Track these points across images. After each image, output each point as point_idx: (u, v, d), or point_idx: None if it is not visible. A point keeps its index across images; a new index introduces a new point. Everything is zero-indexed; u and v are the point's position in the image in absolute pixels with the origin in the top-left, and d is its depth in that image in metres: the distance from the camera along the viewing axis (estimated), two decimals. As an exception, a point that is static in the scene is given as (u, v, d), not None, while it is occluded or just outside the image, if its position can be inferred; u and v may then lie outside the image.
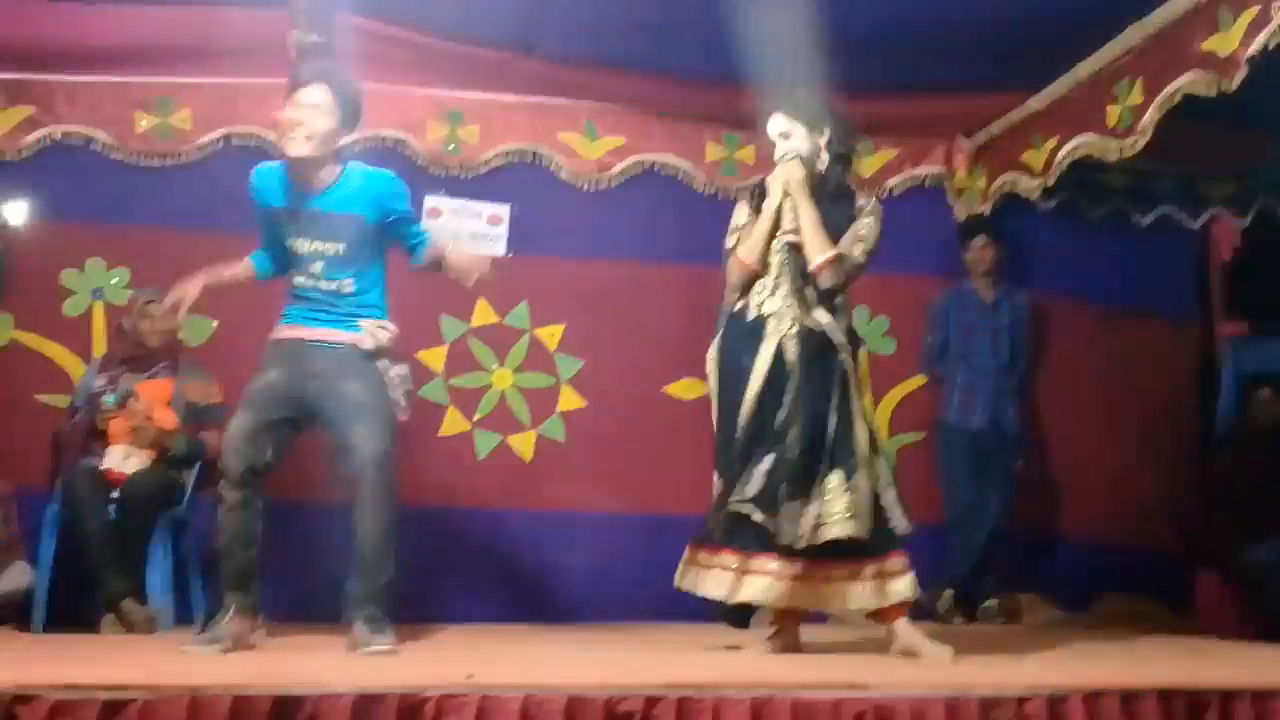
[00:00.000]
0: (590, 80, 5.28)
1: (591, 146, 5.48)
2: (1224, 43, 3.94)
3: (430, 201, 5.29)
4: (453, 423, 5.26)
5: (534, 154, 5.43)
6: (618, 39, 4.95)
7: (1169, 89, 4.22)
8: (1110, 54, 4.60)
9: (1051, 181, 5.13)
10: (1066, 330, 5.75)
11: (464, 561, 5.12)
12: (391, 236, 3.95)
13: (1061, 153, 4.94)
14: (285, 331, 3.87)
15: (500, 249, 5.33)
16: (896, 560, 3.63)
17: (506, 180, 5.40)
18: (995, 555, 5.27)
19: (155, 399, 4.69)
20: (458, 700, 2.55)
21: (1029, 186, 5.29)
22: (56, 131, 5.11)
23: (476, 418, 5.28)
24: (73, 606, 4.49)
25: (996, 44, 4.76)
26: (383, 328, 3.84)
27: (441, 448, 5.22)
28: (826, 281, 3.65)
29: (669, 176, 5.53)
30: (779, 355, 3.62)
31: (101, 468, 4.53)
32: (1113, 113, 4.59)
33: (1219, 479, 5.52)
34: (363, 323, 3.82)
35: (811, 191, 3.75)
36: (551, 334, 5.38)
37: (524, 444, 5.31)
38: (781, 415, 3.59)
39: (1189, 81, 4.10)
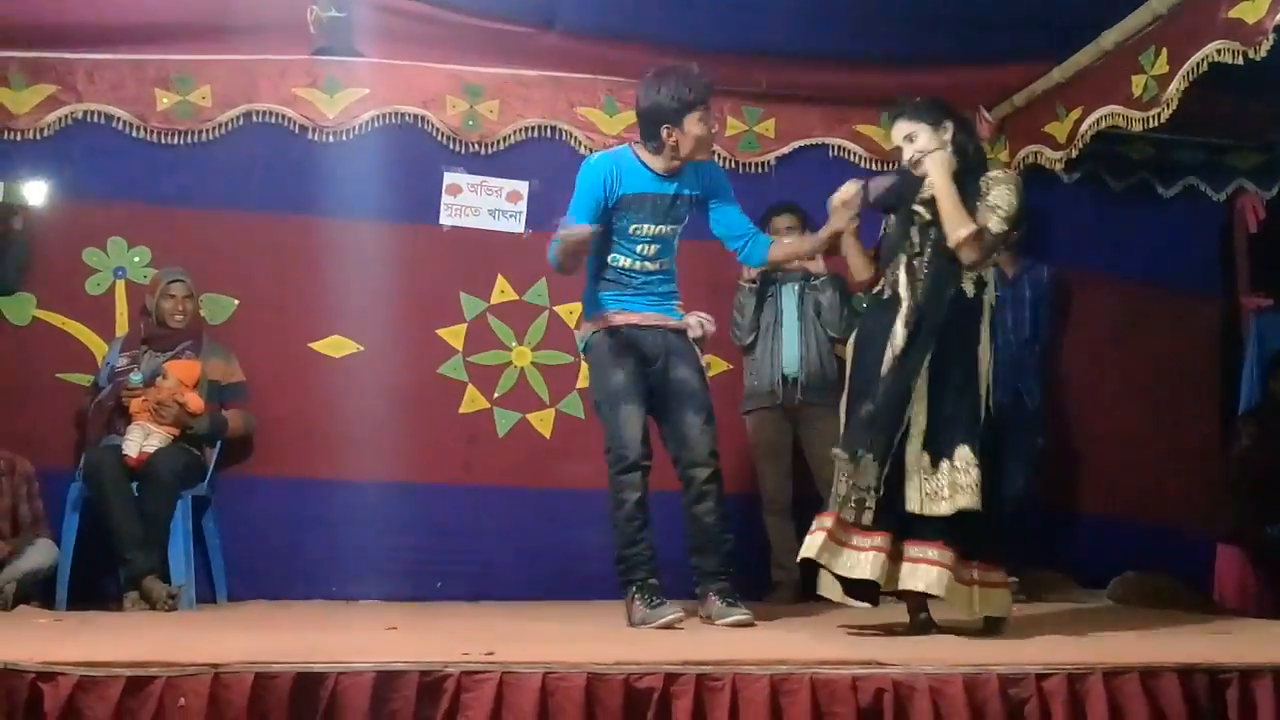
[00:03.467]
0: (609, 54, 5.25)
1: (611, 121, 5.45)
2: (1251, 10, 3.88)
3: (449, 178, 5.32)
4: (472, 400, 5.26)
5: (553, 129, 5.40)
6: (636, 12, 4.92)
7: (1194, 58, 4.17)
8: (1135, 23, 4.54)
9: (1075, 153, 5.09)
10: (1089, 304, 5.70)
11: (484, 538, 5.13)
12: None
13: (1085, 124, 4.89)
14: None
15: (519, 226, 5.34)
16: None
17: (526, 155, 5.38)
18: (1015, 532, 5.24)
19: (183, 380, 4.71)
20: (478, 677, 2.56)
21: (1052, 158, 5.25)
22: (78, 110, 5.12)
23: (496, 395, 5.29)
24: (96, 584, 4.54)
25: (1019, 14, 4.71)
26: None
27: (462, 425, 5.23)
28: (969, 257, 3.63)
29: (689, 150, 5.49)
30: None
31: (124, 448, 4.56)
32: (1137, 83, 4.54)
33: (1241, 454, 5.48)
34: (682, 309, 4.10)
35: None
36: (571, 311, 5.36)
37: (543, 421, 5.31)
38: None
39: (1214, 50, 4.05)
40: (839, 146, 5.58)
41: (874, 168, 5.56)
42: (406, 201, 5.28)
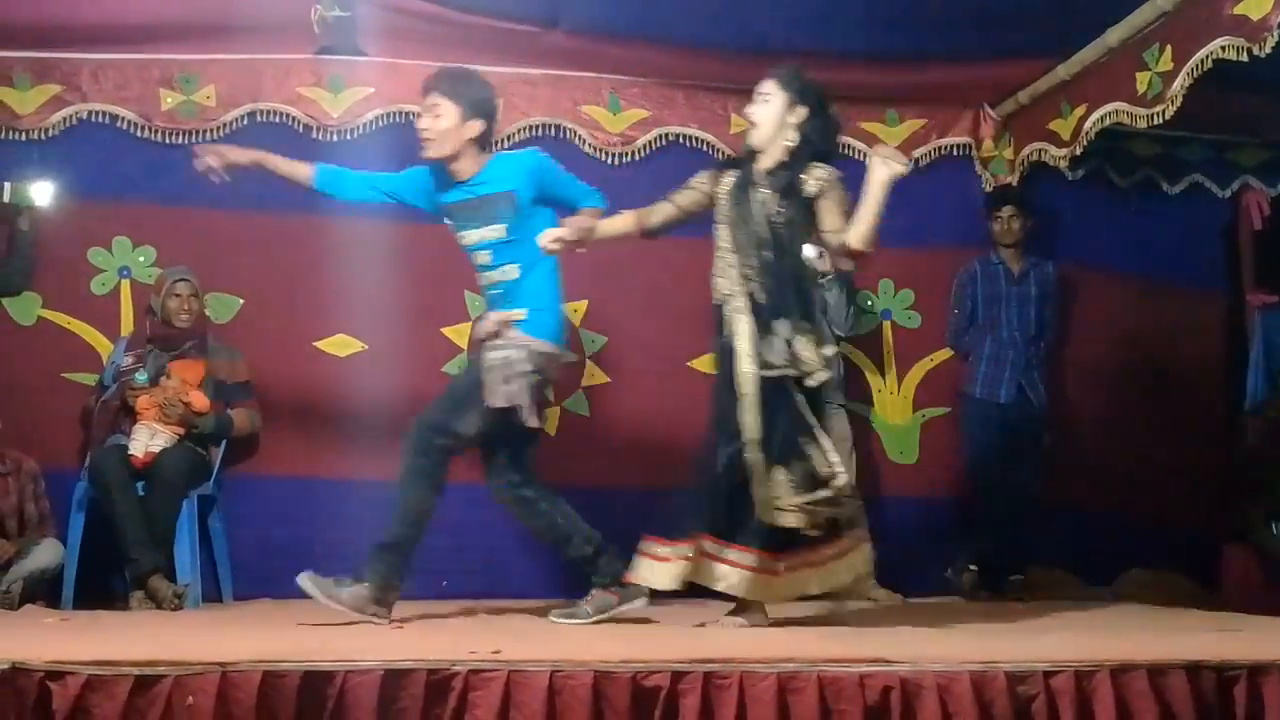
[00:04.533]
0: (612, 52, 5.26)
1: (614, 119, 5.45)
2: (1256, 6, 3.88)
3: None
4: (477, 398, 5.25)
5: (556, 127, 5.40)
6: (640, 10, 4.92)
7: (1199, 55, 4.17)
8: (1140, 20, 4.54)
9: (1080, 150, 5.09)
10: (1095, 301, 5.69)
11: (489, 536, 5.13)
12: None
13: (1090, 121, 4.89)
14: None
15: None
16: None
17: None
18: (1020, 530, 5.25)
19: (188, 380, 4.72)
20: (485, 675, 2.56)
21: (1057, 155, 5.26)
22: (83, 109, 5.12)
23: (501, 394, 5.27)
24: (102, 583, 4.54)
25: (1023, 11, 4.71)
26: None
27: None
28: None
29: (693, 148, 5.49)
30: None
31: (130, 447, 4.57)
32: (1142, 79, 4.54)
33: (1246, 451, 5.47)
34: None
35: None
36: (575, 309, 5.37)
37: (548, 420, 5.30)
38: None
39: (1219, 46, 4.05)
40: (844, 144, 5.55)
41: (879, 165, 5.57)
42: (410, 200, 5.27)
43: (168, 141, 5.17)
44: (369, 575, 3.65)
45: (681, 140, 5.49)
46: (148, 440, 4.58)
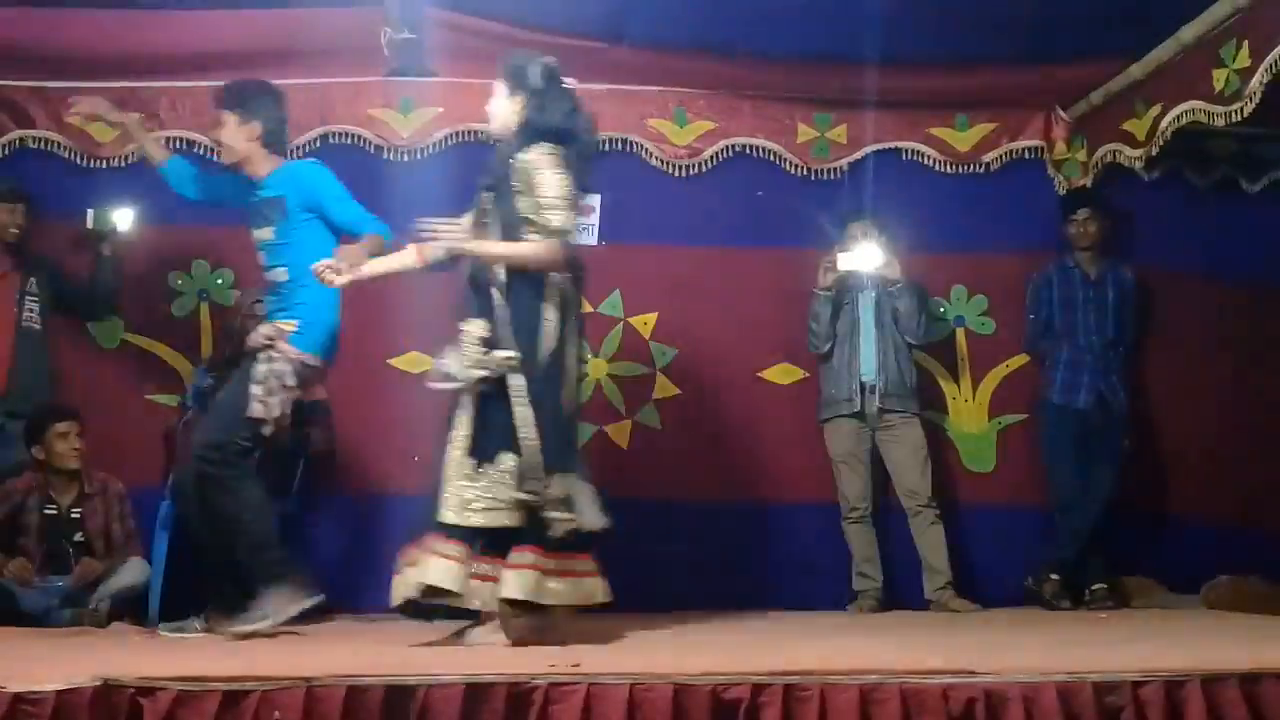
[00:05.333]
0: (678, 65, 5.27)
1: (681, 132, 5.46)
2: (1336, 0, 3.79)
3: (522, 194, 5.35)
4: (550, 412, 5.28)
5: (624, 141, 5.42)
6: (705, 23, 4.92)
7: (1277, 50, 4.07)
8: (1215, 16, 4.44)
9: (1155, 150, 4.99)
10: (1174, 304, 5.57)
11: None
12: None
13: (1165, 120, 4.79)
14: None
15: (591, 239, 5.36)
16: None
17: (597, 169, 5.35)
18: (1103, 537, 5.15)
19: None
20: (566, 689, 2.56)
21: (1132, 156, 5.16)
22: (161, 137, 5.21)
23: (573, 407, 5.29)
24: (186, 600, 4.62)
25: (1095, 11, 4.64)
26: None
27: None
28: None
29: (760, 159, 5.48)
30: None
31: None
32: (1219, 77, 4.44)
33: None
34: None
35: None
36: (645, 322, 5.38)
37: (620, 432, 5.32)
38: None
39: (1298, 41, 3.95)
40: (913, 150, 5.53)
41: (948, 171, 5.52)
42: (481, 217, 5.32)
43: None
44: (274, 580, 3.72)
45: (748, 151, 5.48)
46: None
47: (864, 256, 5.09)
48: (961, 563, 5.10)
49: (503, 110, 3.83)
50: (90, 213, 4.99)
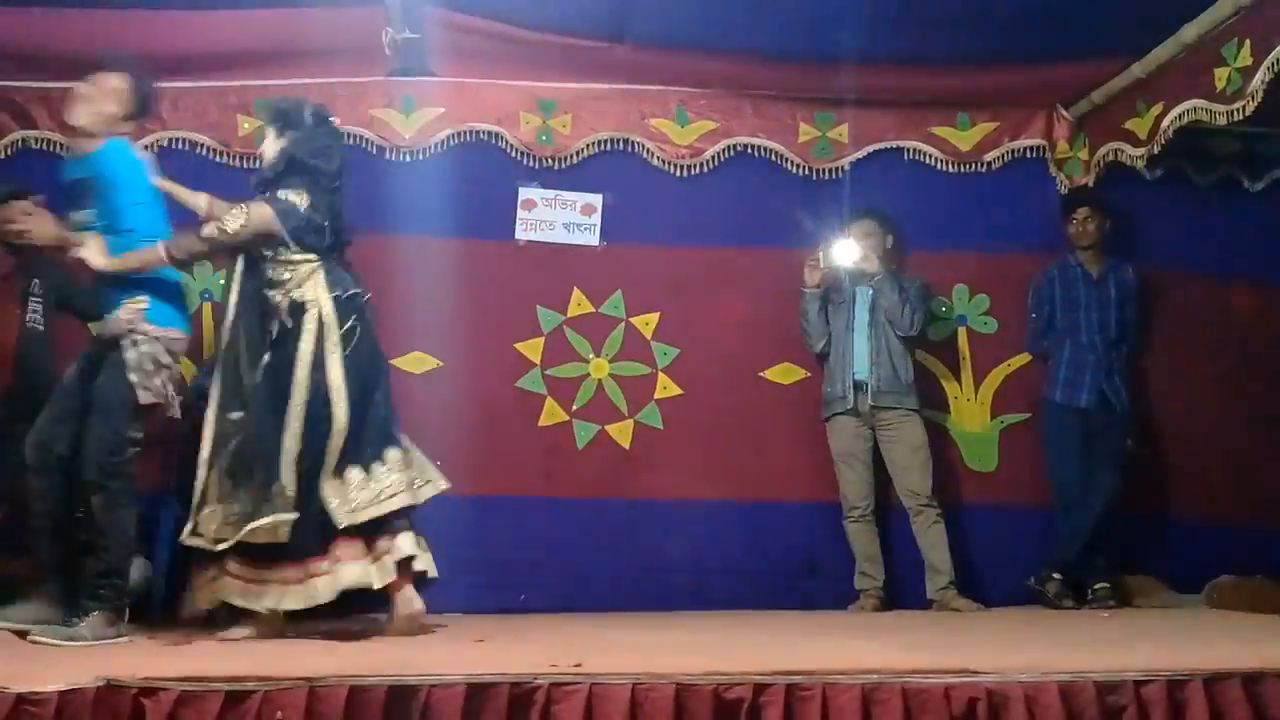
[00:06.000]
0: (680, 64, 5.27)
1: (683, 132, 5.46)
2: (1338, -1, 3.79)
3: (524, 193, 5.37)
4: (551, 413, 5.29)
5: (625, 141, 5.43)
6: (707, 22, 4.92)
7: (1279, 49, 4.07)
8: (1216, 15, 4.45)
9: (1157, 149, 4.99)
10: (1177, 302, 5.57)
11: (566, 550, 5.15)
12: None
13: (1167, 119, 4.79)
14: None
15: (594, 239, 5.37)
16: None
17: (599, 169, 5.41)
18: (1105, 536, 5.15)
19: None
20: (568, 688, 2.57)
21: (1134, 155, 5.16)
22: (163, 137, 5.25)
23: (575, 407, 5.31)
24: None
25: (1096, 10, 4.64)
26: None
27: (541, 438, 5.26)
28: None
29: (762, 159, 5.48)
30: None
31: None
32: (1220, 75, 4.44)
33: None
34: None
35: None
36: (647, 322, 5.39)
37: (622, 433, 5.32)
38: None
39: (1301, 40, 3.95)
40: (915, 149, 5.53)
41: (951, 169, 5.52)
42: (483, 217, 5.33)
43: (245, 166, 5.26)
44: (100, 604, 3.65)
45: (750, 151, 5.48)
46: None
47: (842, 252, 5.12)
48: (964, 562, 5.10)
49: (270, 151, 4.09)
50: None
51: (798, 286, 5.25)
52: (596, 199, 5.37)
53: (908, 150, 5.53)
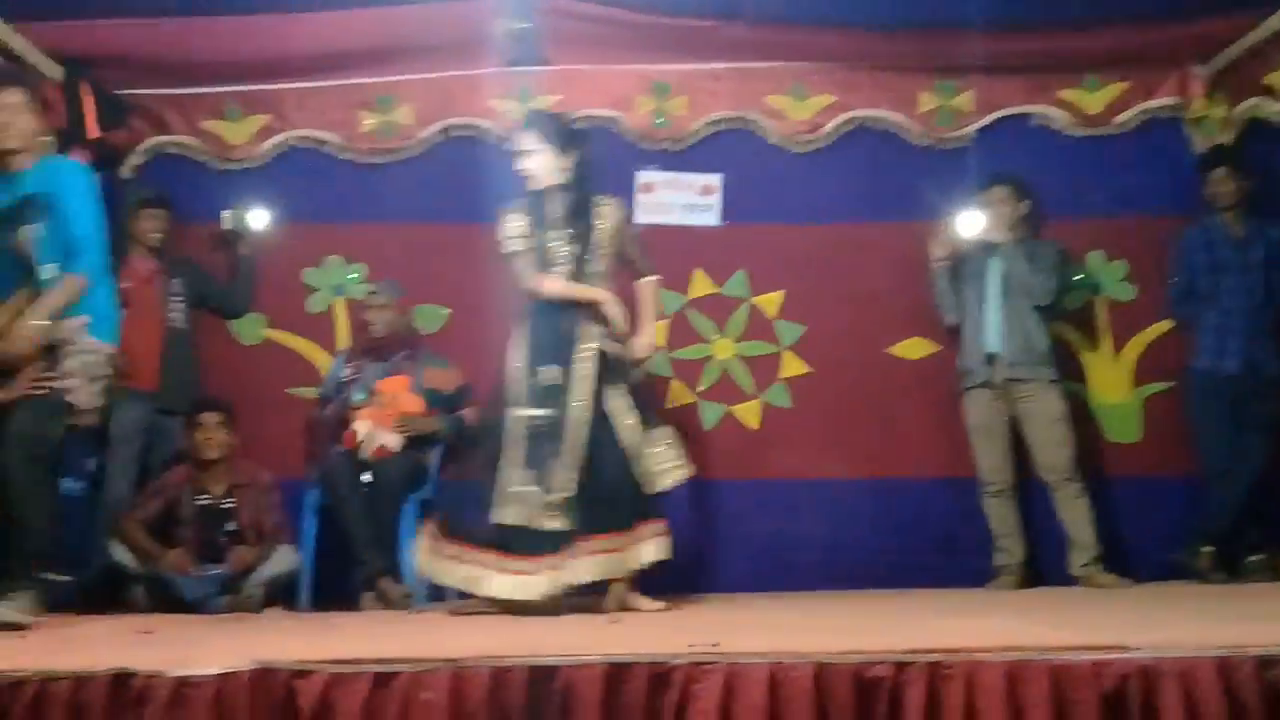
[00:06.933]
0: (795, 40, 5.20)
1: (800, 107, 5.40)
2: None
3: (642, 177, 5.36)
4: (677, 394, 5.29)
5: (742, 120, 5.39)
6: (819, -5, 4.86)
7: None
8: (1363, -41, 4.23)
9: (1301, 103, 4.77)
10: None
11: (696, 532, 5.15)
12: None
13: (1311, 71, 4.58)
14: None
15: (714, 219, 5.34)
16: None
17: (716, 149, 5.39)
18: (1258, 507, 4.94)
19: (396, 389, 4.90)
20: (706, 669, 2.56)
21: (1274, 110, 4.93)
22: (290, 137, 5.40)
23: (700, 389, 5.30)
24: (334, 586, 4.75)
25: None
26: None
27: (667, 420, 5.25)
28: None
29: (882, 131, 5.39)
30: None
31: (358, 451, 4.77)
32: (1368, 22, 4.22)
33: None
34: None
35: None
36: (771, 301, 5.35)
37: (749, 413, 5.30)
38: None
39: None
40: (1041, 114, 5.37)
41: (1080, 133, 5.35)
42: (601, 203, 5.34)
43: (370, 162, 5.40)
44: (29, 583, 3.66)
45: (870, 123, 5.39)
46: (373, 439, 4.77)
47: (970, 222, 5.00)
48: (1108, 536, 4.95)
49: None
50: (226, 214, 5.16)
51: (923, 259, 5.15)
52: (716, 179, 5.34)
53: (1034, 116, 5.38)
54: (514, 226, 4.18)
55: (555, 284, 4.11)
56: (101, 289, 3.92)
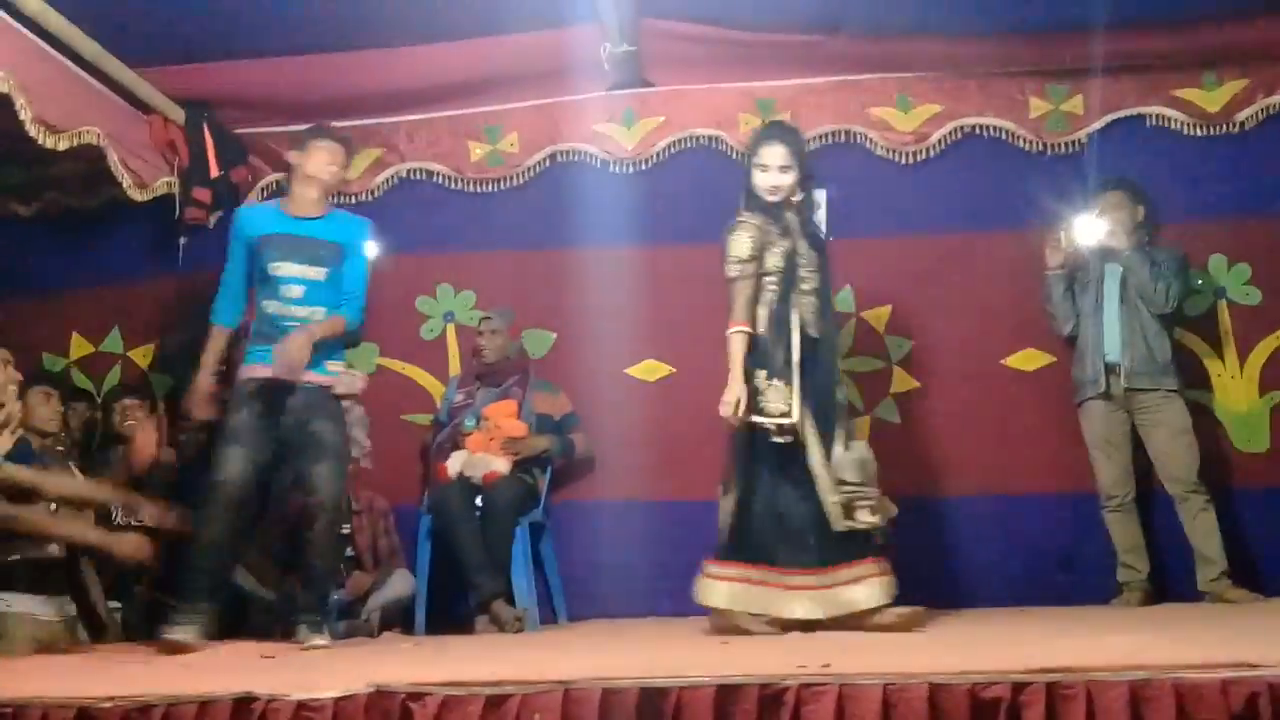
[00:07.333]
0: (898, 50, 5.16)
1: (905, 118, 5.34)
2: None
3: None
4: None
5: (848, 133, 5.35)
6: (923, 4, 4.80)
7: None
8: None
9: None
10: None
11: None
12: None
13: None
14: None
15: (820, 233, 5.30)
16: None
17: (822, 163, 5.31)
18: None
19: (502, 415, 4.97)
20: (817, 689, 2.53)
21: (1401, 100, 4.72)
22: (402, 169, 5.54)
23: (810, 405, 5.25)
24: (448, 609, 4.83)
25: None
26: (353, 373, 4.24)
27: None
28: None
29: (991, 138, 5.30)
30: None
31: (470, 475, 4.85)
32: None
33: None
34: (334, 366, 4.17)
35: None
36: (879, 315, 5.29)
37: (859, 429, 5.23)
38: None
39: None
40: (1158, 115, 5.22)
41: (1198, 133, 5.19)
42: (707, 223, 5.25)
43: (479, 190, 5.50)
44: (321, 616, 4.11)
45: (978, 131, 5.31)
46: (484, 464, 4.84)
47: (1086, 229, 4.87)
48: (1237, 550, 4.76)
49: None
50: None
51: (1036, 269, 5.03)
52: (820, 193, 5.30)
53: (1149, 117, 5.23)
54: (742, 246, 4.05)
55: (733, 344, 4.08)
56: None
